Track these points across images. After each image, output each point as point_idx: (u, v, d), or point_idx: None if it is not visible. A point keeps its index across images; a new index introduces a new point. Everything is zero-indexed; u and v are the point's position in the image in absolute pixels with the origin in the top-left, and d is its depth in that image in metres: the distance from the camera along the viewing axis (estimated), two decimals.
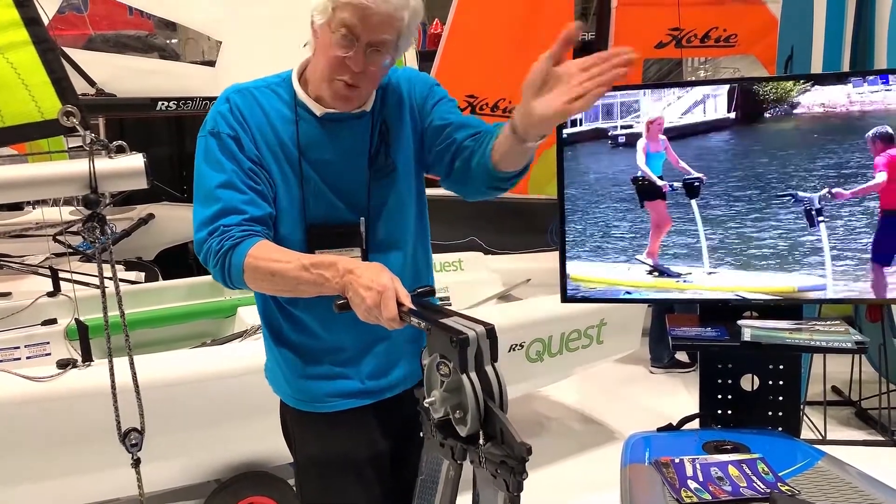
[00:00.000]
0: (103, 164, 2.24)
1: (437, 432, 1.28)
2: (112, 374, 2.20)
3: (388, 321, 1.28)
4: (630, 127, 2.19)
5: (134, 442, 2.21)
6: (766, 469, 1.75)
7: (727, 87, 2.12)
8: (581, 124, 2.22)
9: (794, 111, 2.06)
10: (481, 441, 1.18)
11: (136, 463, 2.25)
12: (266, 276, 1.41)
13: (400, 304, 1.28)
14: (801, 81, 2.05)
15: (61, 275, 3.40)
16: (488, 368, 1.20)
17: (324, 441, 1.62)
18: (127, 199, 5.54)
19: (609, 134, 2.19)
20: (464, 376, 1.17)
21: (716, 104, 2.13)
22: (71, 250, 4.02)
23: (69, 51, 3.70)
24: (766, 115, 2.08)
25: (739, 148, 2.13)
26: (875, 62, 3.41)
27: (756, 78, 2.25)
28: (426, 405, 1.24)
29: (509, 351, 3.18)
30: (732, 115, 2.12)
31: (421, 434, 1.38)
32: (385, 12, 1.35)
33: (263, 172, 1.49)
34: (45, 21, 3.48)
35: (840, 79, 2.06)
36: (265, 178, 1.49)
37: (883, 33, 3.39)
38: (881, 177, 1.99)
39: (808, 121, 2.06)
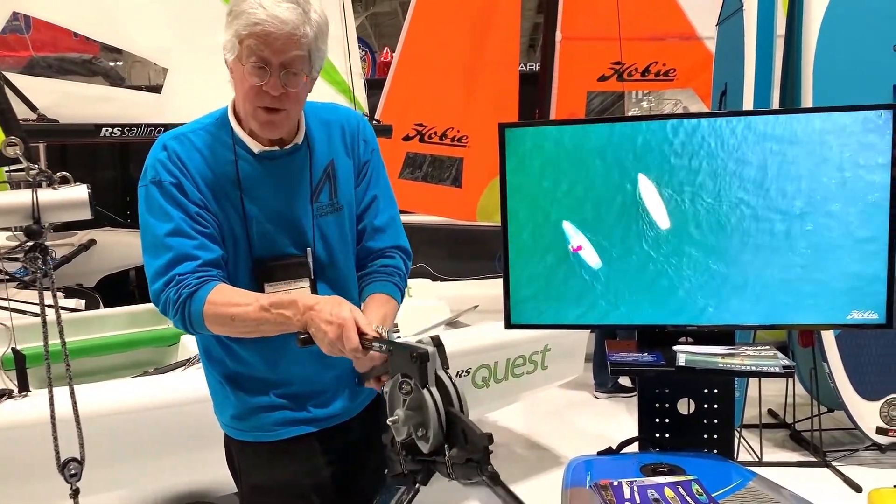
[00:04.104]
0: (46, 194, 2.21)
1: (405, 461, 1.29)
2: (52, 403, 2.16)
3: (351, 352, 1.31)
4: None
5: (73, 472, 2.15)
6: (700, 490, 1.81)
7: None
8: None
9: None
10: (447, 451, 1.20)
11: (76, 493, 2.19)
12: (226, 320, 1.43)
13: (362, 334, 1.31)
14: None
15: None
16: (441, 374, 1.25)
17: (269, 469, 1.62)
18: (68, 225, 5.40)
19: None
20: (425, 391, 1.21)
21: None
22: (7, 277, 3.92)
23: (10, 75, 3.63)
24: None
25: None
26: (802, 101, 3.60)
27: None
28: (389, 423, 1.26)
29: (456, 377, 3.20)
30: None
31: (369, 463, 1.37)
32: (286, 32, 1.39)
33: (210, 215, 1.50)
34: None
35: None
36: (212, 221, 1.51)
37: (808, 74, 3.58)
38: None
39: None
